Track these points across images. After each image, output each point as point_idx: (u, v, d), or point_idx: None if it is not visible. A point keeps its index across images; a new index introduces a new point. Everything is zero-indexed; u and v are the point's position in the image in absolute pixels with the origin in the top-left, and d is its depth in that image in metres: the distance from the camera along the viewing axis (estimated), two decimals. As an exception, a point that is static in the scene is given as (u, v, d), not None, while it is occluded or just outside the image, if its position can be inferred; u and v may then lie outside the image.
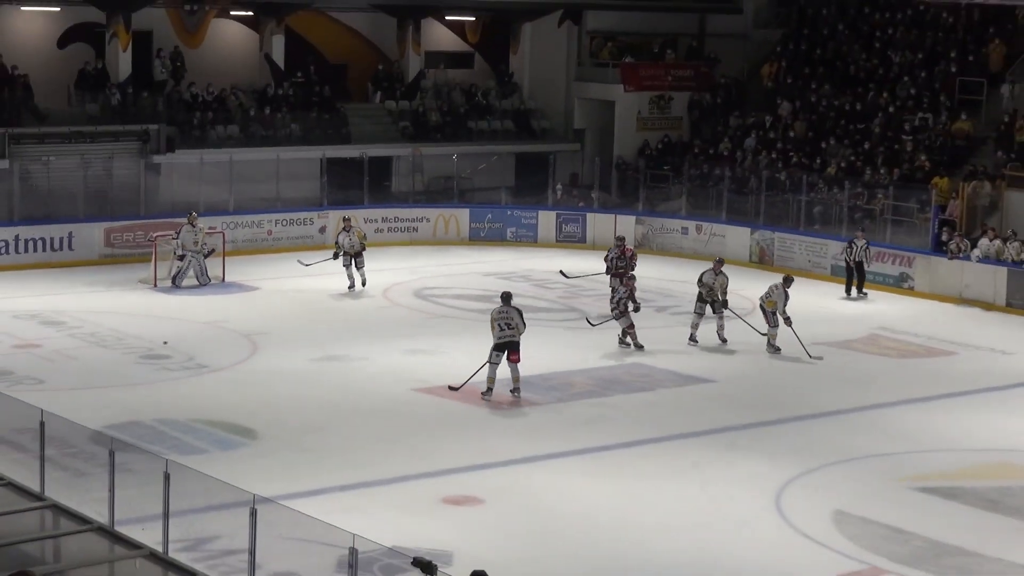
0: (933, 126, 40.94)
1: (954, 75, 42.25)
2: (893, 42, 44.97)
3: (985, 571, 18.07)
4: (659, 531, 19.07)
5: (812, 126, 43.45)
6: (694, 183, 42.37)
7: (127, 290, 33.86)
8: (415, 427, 23.44)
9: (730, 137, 44.74)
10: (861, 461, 22.40)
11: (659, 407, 25.27)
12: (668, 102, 46.77)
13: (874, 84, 43.74)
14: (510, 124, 46.39)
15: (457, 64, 48.14)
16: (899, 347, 30.38)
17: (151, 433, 22.16)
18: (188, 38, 43.20)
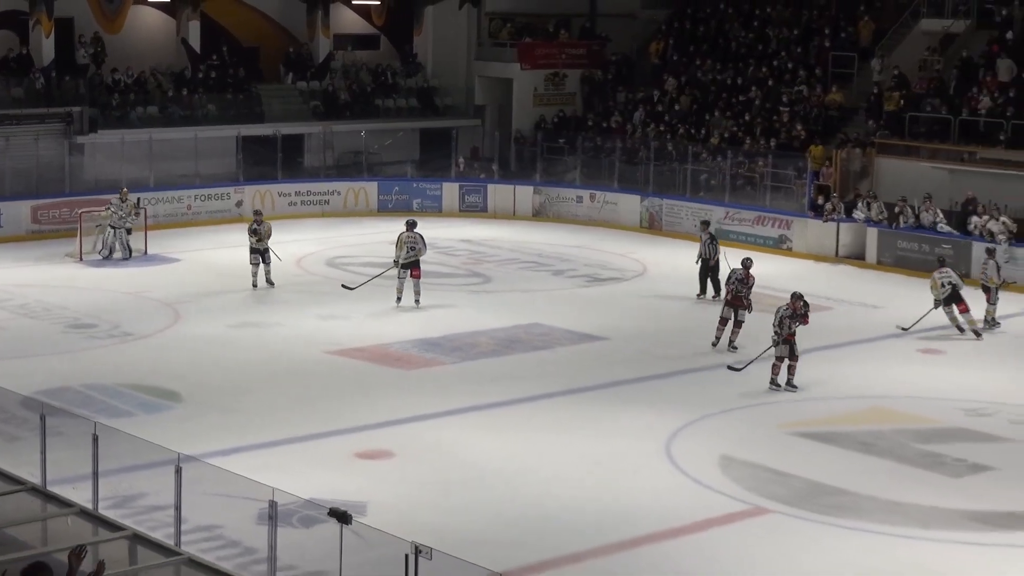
0: (808, 98, 41.28)
1: (827, 50, 42.58)
2: (771, 20, 45.26)
3: (860, 508, 18.33)
4: (558, 479, 19.21)
5: (696, 99, 43.66)
6: (587, 155, 42.50)
7: (54, 264, 33.57)
8: (329, 387, 23.45)
9: (620, 111, 44.88)
10: (745, 410, 22.68)
11: (557, 364, 25.41)
12: (562, 79, 46.85)
13: (753, 59, 43.98)
14: (414, 102, 46.32)
15: (364, 46, 47.97)
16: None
17: (80, 398, 22.06)
18: (108, 24, 42.85)
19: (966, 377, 24.96)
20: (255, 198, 40.19)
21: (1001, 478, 19.68)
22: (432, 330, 27.51)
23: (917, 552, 16.96)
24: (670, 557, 16.76)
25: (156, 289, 30.88)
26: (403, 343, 26.48)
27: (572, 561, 16.47)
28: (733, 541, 17.29)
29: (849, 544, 17.19)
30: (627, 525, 17.55)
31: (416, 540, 11.65)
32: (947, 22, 41.16)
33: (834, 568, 16.46)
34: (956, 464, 20.15)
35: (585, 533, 17.26)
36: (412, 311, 29.10)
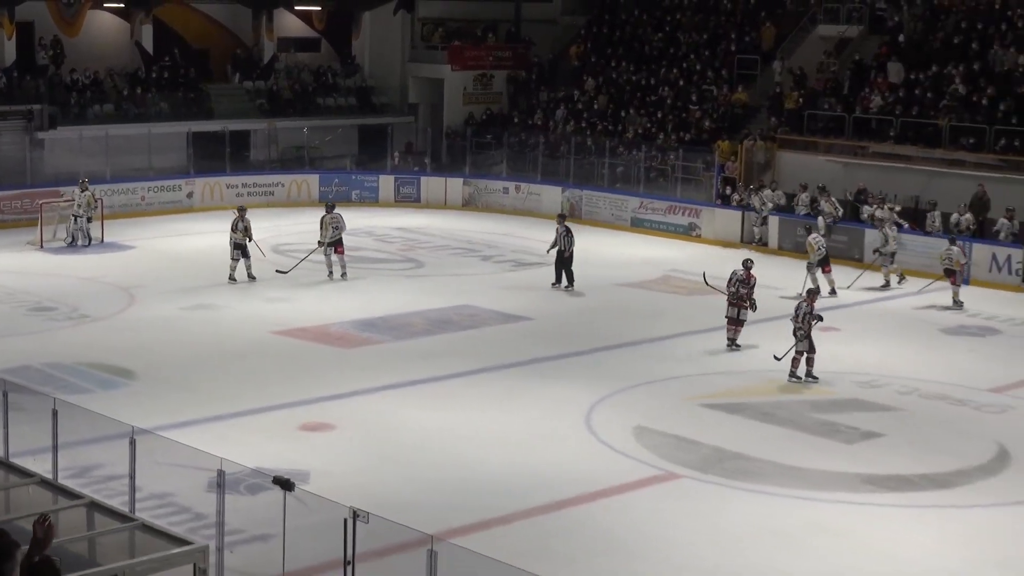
0: (715, 97, 41.48)
1: (733, 53, 42.80)
2: (681, 25, 45.41)
3: (761, 472, 18.49)
4: (485, 447, 19.24)
5: (613, 98, 43.77)
6: (513, 149, 42.54)
7: (16, 251, 33.19)
8: (274, 365, 23.36)
9: (543, 109, 44.93)
10: (657, 383, 22.78)
11: (485, 342, 25.43)
12: (490, 79, 46.85)
13: (665, 61, 44.14)
14: (353, 100, 46.17)
15: (306, 48, 47.77)
16: (688, 286, 30.80)
17: (41, 376, 21.87)
18: (67, 28, 42.51)
19: (859, 352, 25.19)
20: (205, 190, 39.99)
21: (890, 444, 19.89)
22: (369, 311, 27.46)
23: (814, 512, 17.12)
24: (591, 518, 16.82)
25: (112, 274, 30.62)
26: (343, 323, 26.41)
27: (501, 523, 16.49)
28: (648, 503, 17.39)
29: (752, 505, 17.33)
30: (551, 489, 17.61)
31: (354, 505, 11.63)
32: (842, 28, 41.51)
33: (739, 526, 16.57)
34: (849, 432, 20.35)
35: (512, 497, 17.29)
36: (351, 293, 29.05)
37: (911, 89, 37.57)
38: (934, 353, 25.22)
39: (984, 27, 38.45)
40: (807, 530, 16.41)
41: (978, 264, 31.58)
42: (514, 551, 14.84)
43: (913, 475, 18.63)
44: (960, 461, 19.28)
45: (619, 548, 15.86)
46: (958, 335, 26.81)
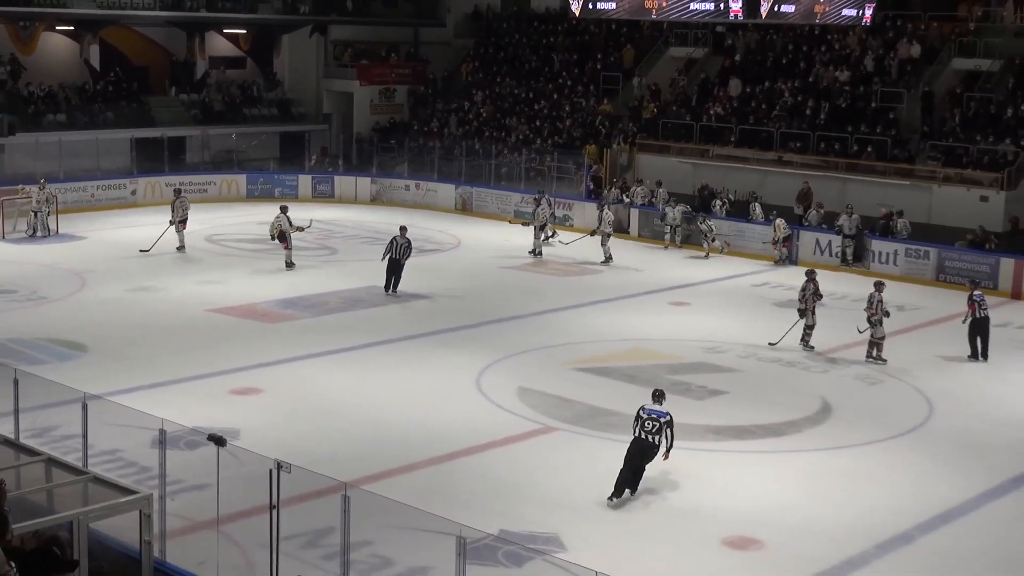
0: (584, 108, 41.60)
1: (599, 70, 42.96)
2: (555, 46, 45.48)
3: (626, 426, 18.43)
4: (391, 407, 19.18)
5: (498, 109, 43.73)
6: (413, 152, 42.31)
7: (-19, 242, 32.53)
8: (207, 338, 23.06)
9: (438, 118, 44.76)
10: (537, 351, 22.83)
11: (390, 318, 25.29)
12: (393, 93, 46.58)
13: (542, 77, 44.19)
14: (275, 111, 45.63)
15: (234, 66, 47.09)
16: (562, 268, 30.94)
17: (3, 350, 21.38)
18: (23, 47, 41.56)
19: (705, 323, 25.44)
20: (147, 187, 39.33)
21: (734, 400, 20.13)
22: (291, 292, 27.20)
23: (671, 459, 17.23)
24: (482, 465, 16.82)
25: (66, 261, 30.01)
26: (267, 302, 26.12)
27: (405, 471, 16.44)
28: (530, 452, 17.43)
29: (618, 453, 17.30)
30: (447, 442, 17.60)
31: (278, 458, 11.51)
32: (690, 49, 41.83)
33: (607, 472, 16.62)
34: (699, 390, 20.54)
35: (414, 449, 17.26)
36: (275, 276, 28.75)
37: (748, 101, 37.98)
38: (768, 322, 25.51)
39: (808, 49, 38.96)
40: (664, 474, 16.49)
41: (804, 247, 32.03)
42: (417, 495, 14.82)
43: (752, 426, 18.85)
44: (791, 413, 19.57)
45: (507, 491, 15.89)
46: (788, 308, 27.13)
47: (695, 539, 14.69)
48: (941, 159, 33.28)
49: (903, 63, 36.74)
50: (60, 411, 15.68)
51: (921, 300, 28.21)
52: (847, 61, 37.78)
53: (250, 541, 13.24)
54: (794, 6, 32.51)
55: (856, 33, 38.02)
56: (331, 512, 11.22)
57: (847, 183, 33.87)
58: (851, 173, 34.13)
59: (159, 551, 12.07)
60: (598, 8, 34.45)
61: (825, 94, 36.76)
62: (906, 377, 21.82)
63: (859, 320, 23.33)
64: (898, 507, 15.87)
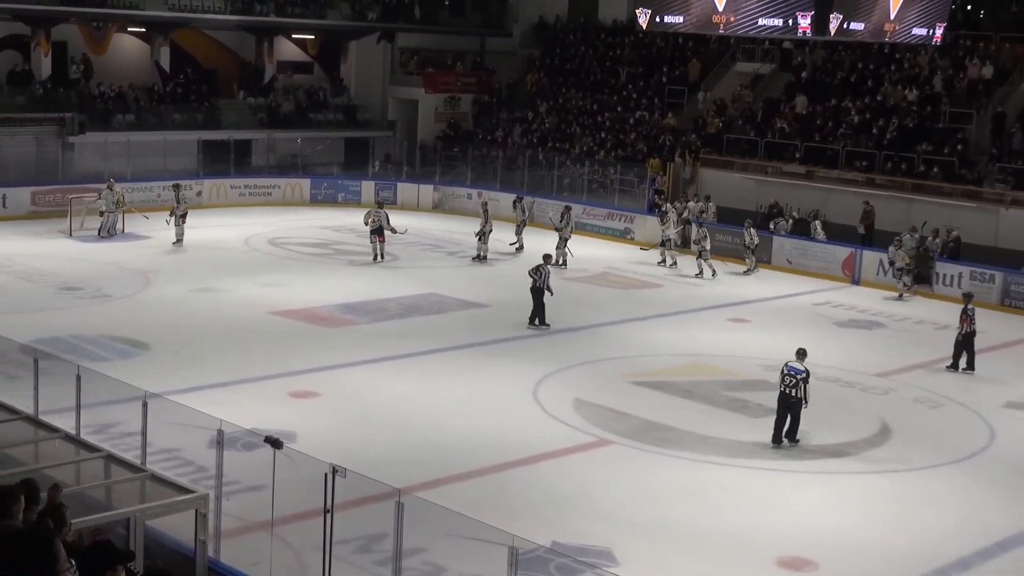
0: (648, 121, 41.50)
1: (664, 84, 42.85)
2: (621, 59, 45.44)
3: (683, 441, 18.53)
4: (448, 414, 19.20)
5: (562, 120, 43.75)
6: (476, 161, 42.43)
7: (49, 239, 32.83)
8: (267, 340, 23.22)
9: (502, 127, 44.85)
10: (593, 363, 22.77)
11: (449, 325, 25.34)
12: (457, 101, 46.74)
13: (607, 90, 44.16)
14: (340, 116, 45.92)
15: (301, 71, 47.52)
16: (622, 281, 30.87)
17: (68, 346, 21.64)
18: (95, 47, 42.20)
19: (764, 341, 25.22)
20: (212, 189, 39.73)
21: (790, 419, 19.93)
22: (351, 296, 27.33)
23: (725, 475, 17.17)
24: (536, 476, 16.80)
25: (131, 260, 30.37)
26: (327, 306, 26.27)
27: (459, 479, 16.46)
28: (584, 465, 17.38)
29: (673, 468, 17.37)
30: (502, 451, 17.60)
31: (334, 462, 11.56)
32: (757, 65, 41.63)
33: (661, 486, 16.61)
34: (756, 408, 20.38)
35: (469, 457, 17.28)
36: (336, 280, 28.93)
37: (813, 118, 37.72)
38: (828, 343, 25.30)
39: (876, 67, 38.65)
40: (719, 490, 16.46)
41: (868, 267, 31.75)
42: (470, 503, 14.83)
43: (809, 445, 18.69)
44: (849, 434, 19.38)
45: (560, 503, 15.86)
46: (849, 328, 26.94)
47: (749, 558, 14.59)
48: (1011, 182, 32.86)
49: (973, 83, 36.35)
50: (121, 408, 15.82)
51: (985, 324, 27.80)
52: (916, 80, 37.44)
53: (303, 544, 13.30)
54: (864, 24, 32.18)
55: (926, 52, 37.65)
56: (385, 518, 11.26)
57: (912, 204, 33.52)
58: (917, 194, 33.78)
59: (213, 551, 12.17)
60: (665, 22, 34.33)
61: (892, 113, 36.43)
62: (968, 402, 21.55)
63: (919, 342, 23.12)
64: (955, 533, 15.68)
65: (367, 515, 13.31)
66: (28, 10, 38.83)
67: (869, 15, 28.74)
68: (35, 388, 14.85)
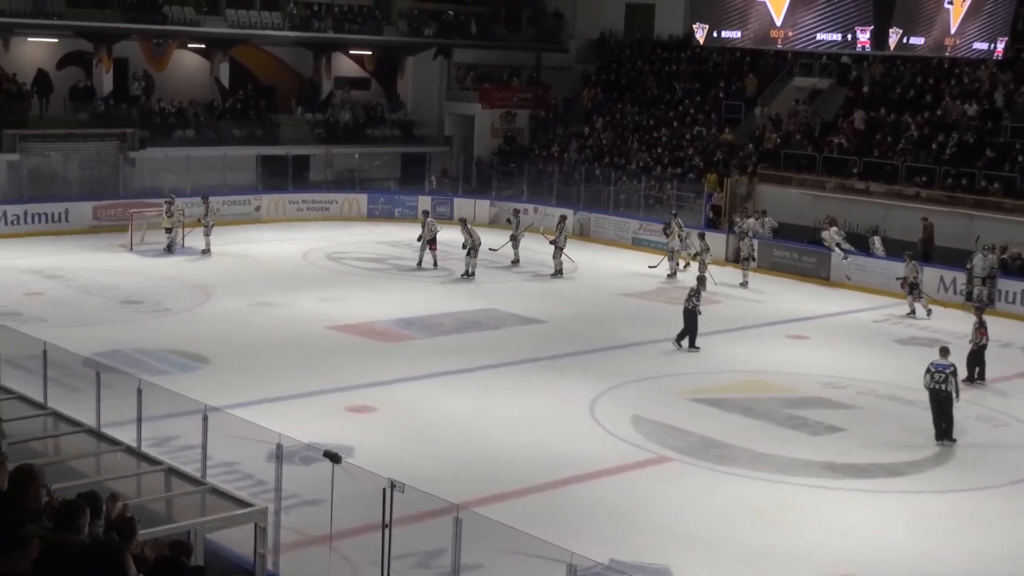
0: (705, 136, 41.33)
1: (721, 99, 42.67)
2: (677, 74, 45.31)
3: (740, 458, 18.38)
4: (504, 431, 19.17)
5: (618, 135, 43.67)
6: (532, 176, 42.44)
7: (110, 253, 33.21)
8: (326, 355, 23.31)
9: (559, 143, 44.83)
10: (652, 379, 22.66)
11: (506, 341, 25.32)
12: (514, 117, 46.77)
13: (663, 105, 44.04)
14: (397, 131, 46.10)
15: (358, 86, 47.72)
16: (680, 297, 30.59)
17: (128, 359, 21.83)
18: (156, 64, 42.67)
19: (824, 357, 25.03)
20: (270, 204, 40.01)
21: (850, 438, 19.74)
22: (408, 311, 27.38)
23: (784, 493, 17.01)
24: (593, 493, 16.71)
25: (191, 275, 30.62)
26: (385, 321, 26.33)
27: (517, 495, 16.41)
28: (643, 482, 17.28)
29: (732, 486, 17.23)
30: (559, 467, 17.52)
31: (392, 477, 11.55)
32: (814, 80, 41.33)
33: (721, 504, 16.47)
34: (816, 425, 20.20)
35: (526, 473, 17.22)
36: (393, 295, 29.00)
37: (872, 133, 37.39)
38: (889, 360, 25.05)
39: (936, 81, 38.28)
40: (778, 509, 16.30)
41: (929, 284, 31.37)
42: (528, 520, 14.75)
43: (869, 464, 18.48)
44: (910, 453, 19.14)
45: (619, 519, 15.77)
46: (910, 345, 26.62)
47: (808, 577, 14.44)
48: (1073, 197, 32.40)
49: (1035, 98, 35.89)
50: (181, 422, 15.93)
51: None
52: (976, 95, 37.02)
53: (361, 559, 13.30)
54: (924, 38, 31.86)
55: (987, 67, 37.23)
56: (443, 533, 11.23)
57: (973, 220, 33.12)
58: (977, 210, 33.37)
59: (272, 564, 12.20)
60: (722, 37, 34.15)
61: (952, 128, 36.04)
62: (1031, 420, 21.24)
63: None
64: (1008, 555, 15.42)
65: (425, 530, 13.30)
66: (90, 27, 39.34)
67: (929, 29, 28.43)
68: (97, 401, 14.98)
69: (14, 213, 35.45)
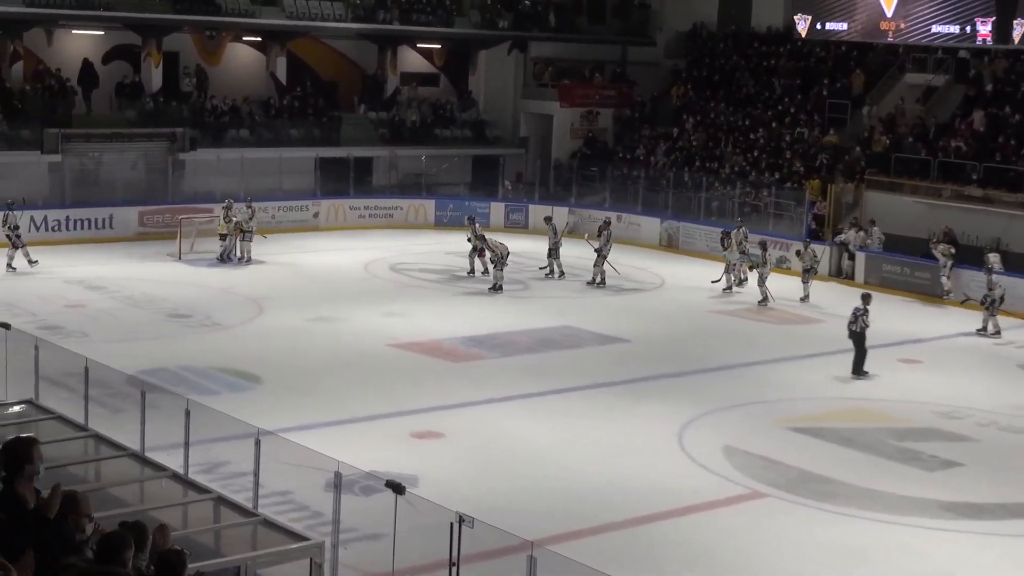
0: (807, 138, 41.05)
1: (824, 97, 42.36)
2: (776, 70, 45.06)
3: (842, 494, 18.17)
4: (583, 460, 19.11)
5: (710, 137, 43.50)
6: (616, 181, 42.39)
7: (157, 262, 33.65)
8: (388, 375, 23.40)
9: (645, 145, 44.76)
10: (746, 406, 22.50)
11: (584, 362, 25.28)
12: (595, 116, 46.76)
13: (760, 104, 43.82)
14: (468, 132, 46.28)
15: (426, 83, 47.94)
16: (779, 315, 30.48)
17: (175, 377, 22.08)
18: (208, 58, 43.15)
19: (939, 383, 24.70)
20: (330, 210, 40.30)
21: (970, 473, 19.44)
22: (477, 329, 27.42)
23: (894, 535, 16.78)
24: (680, 532, 16.62)
25: (243, 286, 30.92)
26: (452, 339, 26.39)
27: (596, 532, 16.34)
28: (735, 520, 17.14)
29: (834, 526, 17.03)
30: (642, 503, 17.43)
31: (460, 510, 11.54)
32: (929, 76, 40.91)
33: (821, 546, 16.29)
34: (930, 460, 19.91)
35: (607, 508, 17.15)
36: (461, 311, 29.09)
37: (994, 135, 36.91)
38: (1012, 386, 24.66)
39: (1067, 79, 37.76)
40: (887, 552, 16.07)
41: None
42: (608, 559, 14.68)
43: (991, 504, 18.19)
44: (1035, 491, 18.82)
45: (707, 561, 15.65)
46: (1036, 371, 26.25)
47: (921, 628, 14.23)
48: None
49: None
50: (231, 446, 16.05)
51: None
52: (1112, 93, 36.46)
53: (426, 599, 13.32)
54: (1053, 30, 31.54)
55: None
56: (515, 572, 11.19)
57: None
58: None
59: (329, 603, 12.23)
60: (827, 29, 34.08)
61: (1085, 130, 35.50)
62: None
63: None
64: None
65: (496, 569, 13.26)
66: (139, 19, 39.90)
67: (1060, 20, 28.10)
68: (142, 423, 15.12)
69: (55, 218, 36.01)
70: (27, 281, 30.35)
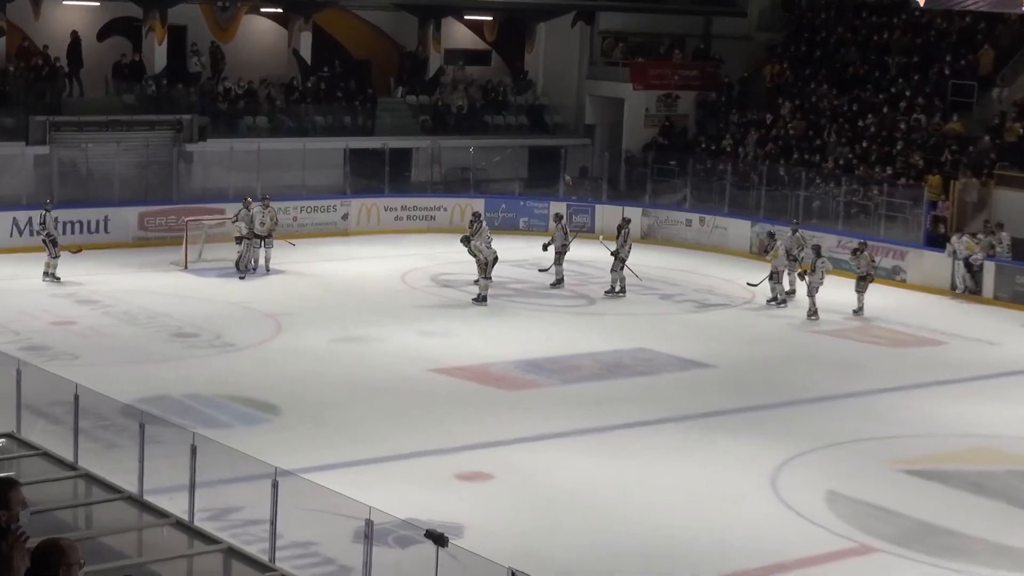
0: (926, 126, 40.85)
1: (947, 78, 42.15)
2: (889, 46, 44.88)
3: (971, 551, 18.06)
4: (656, 508, 19.06)
5: (811, 124, 43.38)
6: (698, 177, 42.30)
7: (159, 271, 33.81)
8: (429, 405, 23.45)
9: (732, 134, 44.68)
10: (852, 444, 22.38)
11: (661, 390, 25.23)
12: (675, 100, 46.70)
13: (870, 85, 43.65)
14: (524, 119, 46.36)
15: (475, 61, 48.10)
16: (890, 336, 30.33)
17: (179, 407, 22.21)
18: (221, 33, 43.41)
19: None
20: (361, 211, 40.41)
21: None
22: (535, 351, 27.43)
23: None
24: (772, 593, 16.58)
25: (259, 300, 31.06)
26: (505, 363, 26.42)
27: (671, 593, 16.34)
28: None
29: (958, 587, 16.94)
30: (727, 559, 17.39)
31: (513, 565, 11.56)
32: (1073, 53, 40.67)
33: (942, 611, 16.21)
34: (1072, 509, 19.79)
35: (686, 562, 17.14)
36: (515, 330, 29.12)
37: None
38: None
39: None
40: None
41: None
42: (688, 625, 14.68)
43: None
44: None
45: (805, 627, 15.59)
46: None
47: None
48: None
49: None
50: (244, 489, 16.14)
51: None
52: None
53: (472, 668, 13.34)
54: None
55: None
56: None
57: None
58: None
59: (358, 675, 12.27)
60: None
61: None
62: None
63: None
64: None
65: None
66: (140, -13, 40.27)
67: None
68: (140, 461, 15.25)
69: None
70: (7, 295, 30.58)
